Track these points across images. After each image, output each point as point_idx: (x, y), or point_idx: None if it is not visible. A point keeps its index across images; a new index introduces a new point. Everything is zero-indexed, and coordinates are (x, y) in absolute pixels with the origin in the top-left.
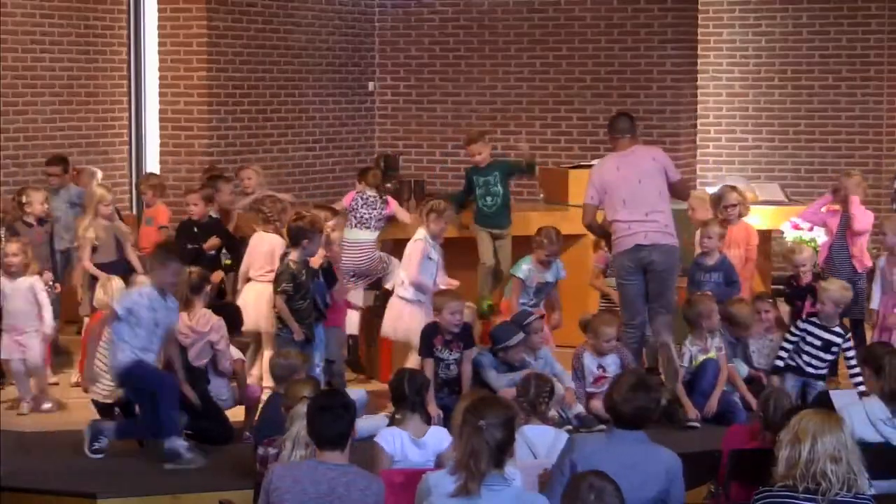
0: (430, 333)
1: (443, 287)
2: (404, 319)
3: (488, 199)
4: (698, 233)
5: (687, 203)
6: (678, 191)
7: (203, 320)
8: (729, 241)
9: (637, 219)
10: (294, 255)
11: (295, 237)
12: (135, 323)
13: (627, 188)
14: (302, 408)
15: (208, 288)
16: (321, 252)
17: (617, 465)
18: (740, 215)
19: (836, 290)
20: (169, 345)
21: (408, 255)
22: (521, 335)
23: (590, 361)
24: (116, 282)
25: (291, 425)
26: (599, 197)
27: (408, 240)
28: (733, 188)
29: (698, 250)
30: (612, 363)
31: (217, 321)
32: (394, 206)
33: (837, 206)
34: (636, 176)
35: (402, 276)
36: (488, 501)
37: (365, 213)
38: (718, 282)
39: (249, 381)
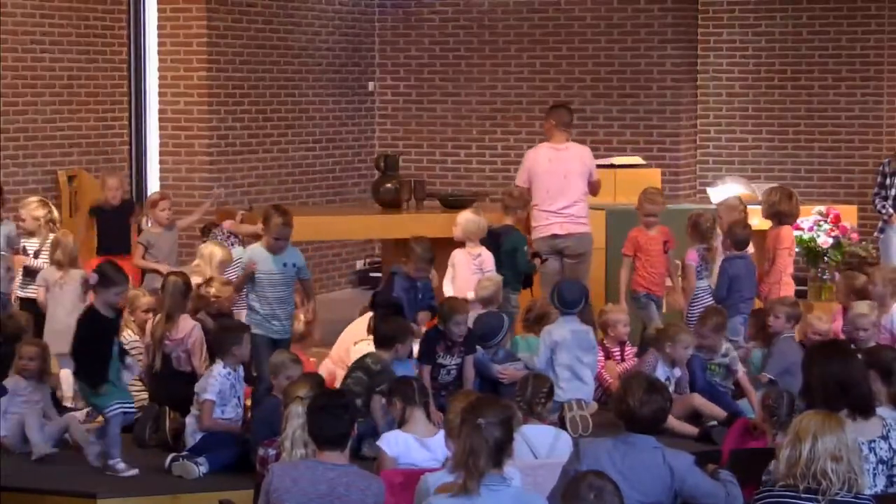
0: (434, 340)
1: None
2: None
3: None
4: None
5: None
6: (593, 188)
7: (177, 327)
8: (765, 244)
9: (555, 210)
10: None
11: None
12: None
13: (554, 182)
14: (296, 408)
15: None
16: None
17: (626, 471)
18: (775, 219)
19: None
20: None
21: None
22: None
23: (662, 373)
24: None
25: (287, 425)
26: (529, 181)
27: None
28: (771, 191)
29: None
30: (677, 375)
31: (193, 327)
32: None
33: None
34: (563, 172)
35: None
36: (487, 501)
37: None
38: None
39: None
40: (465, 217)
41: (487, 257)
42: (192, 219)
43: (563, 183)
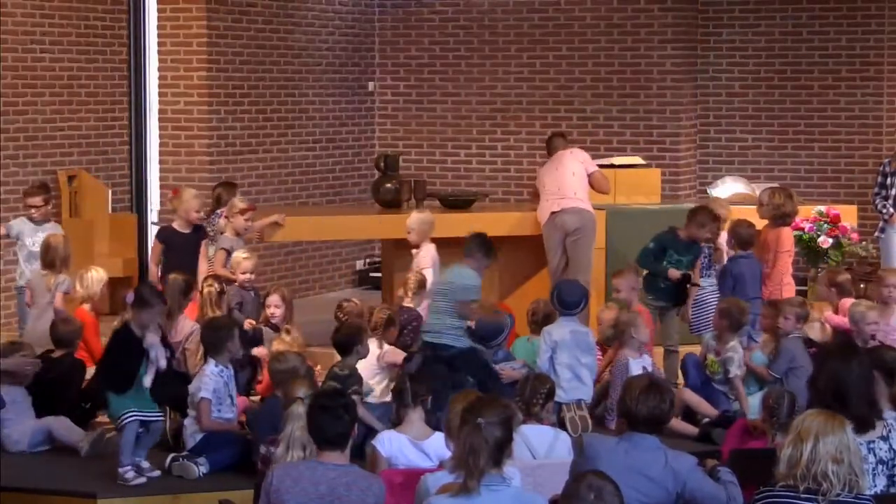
0: None
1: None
2: None
3: None
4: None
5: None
6: (597, 182)
7: (177, 328)
8: (762, 243)
9: (549, 193)
10: None
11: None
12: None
13: (549, 175)
14: (297, 408)
15: (192, 294)
16: None
17: (627, 470)
18: (777, 220)
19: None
20: None
21: None
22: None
23: (635, 365)
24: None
25: (286, 426)
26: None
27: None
28: (773, 192)
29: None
30: (649, 363)
31: (192, 329)
32: None
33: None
34: (556, 166)
35: None
36: (487, 501)
37: None
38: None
39: None
40: (418, 219)
41: (434, 252)
42: (256, 226)
43: (555, 174)
